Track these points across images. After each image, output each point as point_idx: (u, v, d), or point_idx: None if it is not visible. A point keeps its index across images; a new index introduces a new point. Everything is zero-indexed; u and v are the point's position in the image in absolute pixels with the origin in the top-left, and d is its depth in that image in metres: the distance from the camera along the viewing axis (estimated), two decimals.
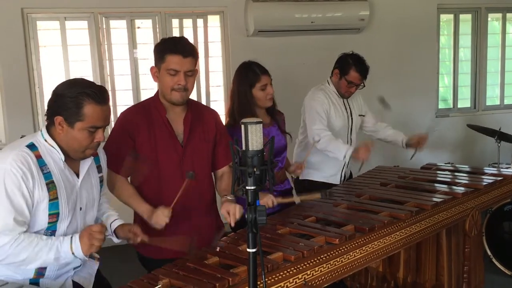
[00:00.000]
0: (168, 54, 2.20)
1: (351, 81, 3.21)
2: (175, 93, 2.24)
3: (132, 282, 1.74)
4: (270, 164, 1.46)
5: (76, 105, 1.76)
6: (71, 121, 1.78)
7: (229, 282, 1.70)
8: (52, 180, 1.79)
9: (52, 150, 1.82)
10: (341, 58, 3.30)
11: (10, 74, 4.37)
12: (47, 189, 1.77)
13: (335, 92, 3.30)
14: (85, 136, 1.80)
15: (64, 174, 1.84)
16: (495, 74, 6.00)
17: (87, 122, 1.78)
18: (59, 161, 1.83)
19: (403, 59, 5.41)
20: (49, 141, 1.82)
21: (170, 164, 2.29)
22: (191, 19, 4.84)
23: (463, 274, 2.88)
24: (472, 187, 2.82)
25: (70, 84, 1.82)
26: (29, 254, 1.72)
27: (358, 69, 3.18)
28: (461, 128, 5.55)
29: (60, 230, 1.84)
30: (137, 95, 4.75)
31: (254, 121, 1.46)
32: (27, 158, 1.75)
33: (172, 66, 2.20)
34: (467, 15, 5.77)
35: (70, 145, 1.82)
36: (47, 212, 1.78)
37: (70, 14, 4.54)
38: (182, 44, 2.24)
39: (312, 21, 4.80)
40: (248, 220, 1.46)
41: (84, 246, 1.77)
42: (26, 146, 1.78)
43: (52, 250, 1.74)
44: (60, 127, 1.79)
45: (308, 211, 2.48)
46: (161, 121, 2.29)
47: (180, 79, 2.21)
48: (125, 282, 1.74)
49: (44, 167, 1.78)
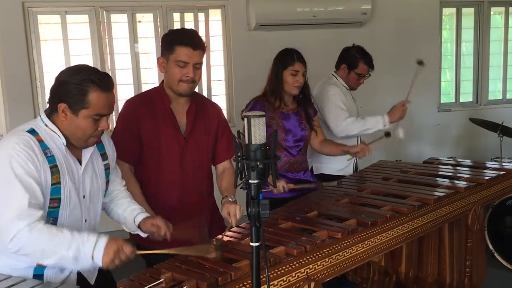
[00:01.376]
0: (177, 46, 2.19)
1: (361, 73, 3.30)
2: (183, 84, 2.24)
3: (134, 276, 1.73)
4: (273, 157, 1.45)
5: (81, 92, 1.71)
6: (75, 109, 1.73)
7: (232, 276, 1.69)
8: (56, 164, 1.75)
9: (53, 135, 1.78)
10: (346, 52, 3.34)
11: (11, 68, 4.36)
12: (51, 172, 1.73)
13: (344, 85, 3.36)
14: (90, 124, 1.76)
15: (67, 160, 1.80)
16: (498, 68, 5.98)
17: (92, 110, 1.74)
18: (61, 146, 1.78)
19: (405, 53, 5.38)
20: (49, 125, 1.78)
21: (171, 154, 2.29)
22: (193, 13, 4.83)
23: (465, 268, 2.88)
24: (474, 181, 2.81)
25: (74, 71, 1.76)
26: (47, 245, 1.64)
27: (366, 61, 3.29)
28: (463, 123, 5.54)
29: (62, 217, 1.80)
30: (138, 89, 4.74)
31: (257, 114, 1.45)
32: (29, 141, 1.70)
33: (182, 58, 2.19)
34: (469, 9, 5.75)
35: (73, 133, 1.78)
36: (49, 196, 1.74)
37: (71, 8, 4.53)
38: (192, 36, 2.25)
39: (314, 15, 4.79)
40: (251, 214, 1.45)
41: (107, 258, 1.67)
42: (26, 131, 1.74)
43: (72, 248, 1.65)
44: (63, 115, 1.75)
45: (311, 206, 2.48)
46: (165, 111, 2.29)
47: (189, 71, 2.21)
48: (123, 276, 1.73)
49: (47, 150, 1.74)
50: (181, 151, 2.30)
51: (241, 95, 4.13)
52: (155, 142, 2.27)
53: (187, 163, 2.33)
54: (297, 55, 2.84)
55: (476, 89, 5.92)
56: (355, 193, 2.68)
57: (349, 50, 3.33)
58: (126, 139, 2.25)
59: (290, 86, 2.81)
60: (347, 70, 3.31)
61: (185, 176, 2.33)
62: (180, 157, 2.30)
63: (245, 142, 1.46)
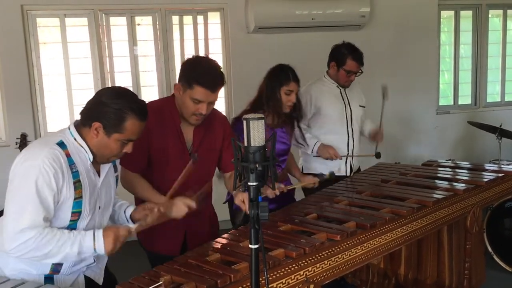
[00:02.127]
0: (196, 85, 2.18)
1: (350, 70, 3.27)
2: (194, 118, 2.27)
3: (133, 279, 1.73)
4: (272, 160, 1.46)
5: (120, 117, 1.77)
6: (109, 131, 1.79)
7: (231, 278, 1.69)
8: (79, 179, 1.80)
9: (80, 150, 1.82)
10: (335, 50, 3.34)
11: (10, 71, 4.36)
12: (74, 188, 1.78)
13: (333, 83, 3.35)
14: (118, 146, 1.83)
15: (89, 174, 1.85)
16: (496, 71, 5.99)
17: (125, 135, 1.81)
18: (85, 161, 1.83)
19: (404, 55, 5.40)
20: (78, 140, 1.82)
21: (177, 169, 2.29)
22: (191, 15, 4.83)
23: (464, 270, 2.88)
24: (473, 183, 2.82)
25: (117, 94, 1.81)
26: (53, 247, 1.71)
27: (354, 57, 3.25)
28: (461, 125, 5.55)
29: (80, 228, 1.85)
30: (137, 92, 4.73)
31: (256, 117, 1.45)
32: (59, 156, 1.75)
33: (198, 97, 2.20)
34: (467, 12, 5.76)
35: (100, 151, 1.84)
36: (71, 210, 1.79)
37: (70, 11, 4.53)
38: (213, 77, 2.21)
39: (312, 18, 4.79)
40: (250, 216, 1.45)
41: (108, 246, 1.78)
42: (56, 144, 1.77)
43: (76, 244, 1.74)
44: (95, 132, 1.80)
45: (309, 208, 2.48)
46: (174, 128, 2.31)
47: (203, 108, 2.22)
48: (127, 278, 1.74)
49: (73, 166, 1.79)
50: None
51: (239, 98, 4.13)
52: (162, 158, 2.31)
53: (192, 178, 2.34)
54: (293, 74, 2.80)
55: (474, 91, 5.93)
56: (354, 195, 2.68)
57: (338, 47, 3.32)
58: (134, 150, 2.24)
59: (283, 104, 2.80)
60: (336, 67, 3.30)
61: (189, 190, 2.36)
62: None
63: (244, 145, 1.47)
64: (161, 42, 4.75)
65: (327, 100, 3.30)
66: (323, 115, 3.28)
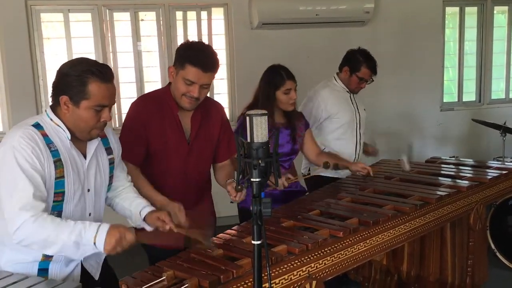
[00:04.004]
0: (188, 64, 2.17)
1: (362, 77, 3.24)
2: (185, 99, 2.24)
3: (136, 273, 1.74)
4: (275, 156, 1.46)
5: (81, 83, 1.73)
6: (76, 100, 1.75)
7: (234, 274, 1.70)
8: (60, 158, 1.77)
9: (58, 129, 1.80)
10: (350, 55, 3.29)
11: (14, 66, 4.37)
12: (55, 166, 1.75)
13: (343, 87, 3.32)
14: (92, 115, 1.77)
15: (71, 154, 1.82)
16: (501, 68, 5.96)
17: (93, 101, 1.75)
18: (65, 140, 1.81)
19: (408, 52, 5.38)
20: (54, 120, 1.80)
21: (176, 159, 2.33)
22: (195, 11, 4.82)
23: (467, 268, 2.87)
24: (476, 180, 2.81)
25: (74, 63, 1.79)
26: (51, 233, 1.67)
27: (369, 65, 3.22)
28: (466, 122, 5.53)
29: (66, 211, 1.82)
30: (141, 87, 4.74)
31: (259, 113, 1.45)
32: (34, 136, 1.73)
33: (190, 77, 2.18)
34: (472, 8, 5.72)
35: (76, 125, 1.80)
36: (53, 190, 1.76)
37: (73, 6, 4.53)
38: (205, 56, 2.20)
39: (316, 14, 4.77)
40: (253, 212, 1.45)
41: (109, 245, 1.70)
42: (31, 125, 1.77)
43: (74, 233, 1.68)
44: (65, 107, 1.77)
45: (312, 205, 2.48)
46: (172, 117, 2.31)
47: (194, 91, 2.20)
48: (130, 273, 1.74)
49: (51, 145, 1.76)
50: (185, 156, 2.34)
51: (243, 94, 4.13)
52: (162, 147, 2.30)
53: (191, 168, 2.38)
54: (286, 73, 2.77)
55: (479, 88, 5.90)
56: (357, 192, 2.68)
57: (353, 52, 3.27)
58: (133, 141, 2.26)
59: (285, 104, 2.78)
60: (349, 72, 3.26)
61: (189, 181, 2.39)
62: (184, 162, 2.34)
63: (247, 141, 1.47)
64: (164, 37, 4.74)
65: (339, 105, 3.26)
66: (335, 120, 3.24)
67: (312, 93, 3.29)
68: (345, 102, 3.30)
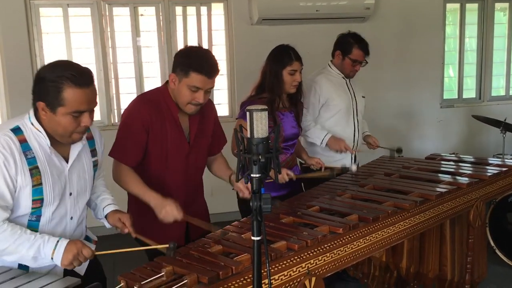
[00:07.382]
0: (193, 72, 2.16)
1: (356, 59, 3.25)
2: (190, 107, 2.25)
3: (135, 269, 1.73)
4: (276, 151, 1.45)
5: (56, 89, 1.67)
6: (52, 107, 1.70)
7: (233, 270, 1.69)
8: (36, 166, 1.74)
9: (39, 135, 1.76)
10: (341, 38, 3.32)
11: (13, 61, 4.35)
12: (30, 174, 1.72)
13: (338, 73, 3.32)
14: (70, 121, 1.72)
15: (51, 159, 1.79)
16: (501, 65, 5.95)
17: (69, 107, 1.69)
18: (45, 146, 1.77)
19: (408, 48, 5.37)
20: (35, 125, 1.76)
21: (177, 159, 2.34)
22: (195, 6, 4.80)
23: (466, 264, 2.87)
24: (476, 177, 2.80)
25: (51, 67, 1.73)
26: (10, 245, 1.68)
27: (360, 46, 3.23)
28: (466, 119, 5.53)
29: (45, 215, 1.81)
30: (140, 83, 4.73)
31: (259, 108, 1.44)
32: (9, 143, 1.70)
33: (195, 84, 2.18)
34: (473, 5, 5.71)
35: (55, 130, 1.76)
36: (31, 197, 1.74)
37: (73, 1, 4.51)
38: (209, 63, 2.19)
39: (317, 9, 4.76)
40: (252, 208, 1.44)
41: (66, 260, 1.71)
42: (10, 130, 1.73)
43: (33, 248, 1.69)
44: (43, 113, 1.73)
45: (312, 201, 2.48)
46: (172, 119, 2.30)
47: (200, 97, 2.21)
48: (129, 270, 1.74)
49: (28, 152, 1.73)
50: (185, 156, 2.35)
51: (243, 89, 4.11)
52: (163, 150, 2.30)
53: (191, 166, 2.40)
54: (294, 54, 2.79)
55: (479, 85, 5.90)
56: (357, 188, 2.68)
57: (344, 35, 3.30)
58: (130, 143, 2.26)
59: (288, 85, 2.80)
60: (341, 56, 3.27)
61: (188, 178, 2.40)
62: (185, 161, 2.36)
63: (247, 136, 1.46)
64: (164, 33, 4.73)
65: (336, 91, 3.27)
66: (332, 106, 3.26)
67: (307, 82, 3.28)
68: (341, 88, 3.31)
